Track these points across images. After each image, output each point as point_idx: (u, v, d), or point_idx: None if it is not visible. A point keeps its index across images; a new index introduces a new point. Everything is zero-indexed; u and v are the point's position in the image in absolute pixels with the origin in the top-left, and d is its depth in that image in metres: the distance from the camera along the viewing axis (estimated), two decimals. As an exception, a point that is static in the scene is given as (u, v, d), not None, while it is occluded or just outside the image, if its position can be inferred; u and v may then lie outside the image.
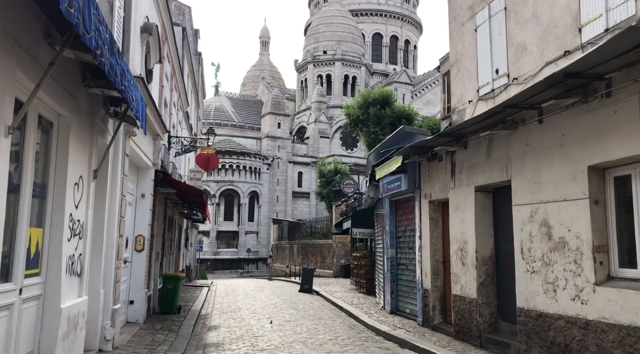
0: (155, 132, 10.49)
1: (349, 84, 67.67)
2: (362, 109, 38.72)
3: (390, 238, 12.24)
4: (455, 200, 8.74)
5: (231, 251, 55.28)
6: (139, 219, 10.56)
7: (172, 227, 16.90)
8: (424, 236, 10.00)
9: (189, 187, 11.87)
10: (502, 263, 7.98)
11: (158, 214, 12.64)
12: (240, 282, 32.44)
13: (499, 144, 7.59)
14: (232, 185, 56.16)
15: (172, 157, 14.52)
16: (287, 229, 44.44)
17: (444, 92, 25.90)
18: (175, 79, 15.49)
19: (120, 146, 7.75)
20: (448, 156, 9.14)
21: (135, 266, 10.47)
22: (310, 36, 70.59)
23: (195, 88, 27.26)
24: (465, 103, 8.84)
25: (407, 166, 10.44)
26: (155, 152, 10.89)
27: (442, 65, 25.12)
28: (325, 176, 44.35)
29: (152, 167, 10.82)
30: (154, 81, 10.85)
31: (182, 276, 13.27)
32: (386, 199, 12.54)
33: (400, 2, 79.95)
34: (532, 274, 6.71)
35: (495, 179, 7.67)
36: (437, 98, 71.35)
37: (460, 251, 8.52)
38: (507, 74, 7.63)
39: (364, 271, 17.36)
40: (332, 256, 32.63)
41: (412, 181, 10.48)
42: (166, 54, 12.77)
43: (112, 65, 4.87)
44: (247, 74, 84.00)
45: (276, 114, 61.59)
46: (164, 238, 14.12)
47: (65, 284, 5.57)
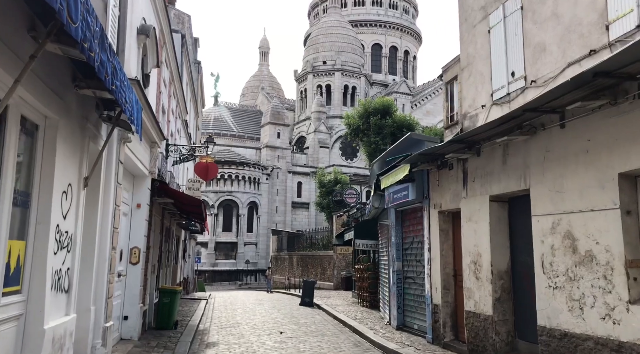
0: (152, 139, 10.05)
1: (348, 94, 67.51)
2: (363, 119, 38.40)
3: (396, 250, 11.76)
4: (468, 210, 8.29)
5: (230, 262, 54.63)
6: (134, 231, 10.09)
7: (170, 239, 16.41)
8: (434, 248, 9.53)
9: (187, 197, 11.41)
10: (519, 278, 7.51)
11: (155, 225, 12.17)
12: (239, 294, 31.85)
13: (515, 151, 7.16)
14: (231, 195, 55.66)
15: (170, 166, 14.06)
16: (287, 240, 43.88)
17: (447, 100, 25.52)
18: (174, 86, 15.09)
19: (114, 152, 7.30)
20: (459, 164, 8.70)
21: (130, 279, 9.97)
22: (309, 46, 70.53)
23: (194, 97, 26.88)
24: (477, 108, 8.42)
25: (415, 175, 10.00)
26: (152, 160, 10.44)
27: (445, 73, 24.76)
28: (325, 186, 43.88)
29: (148, 175, 10.36)
30: (151, 86, 10.44)
31: (179, 290, 12.76)
32: (392, 209, 12.08)
33: (400, 13, 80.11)
34: (555, 290, 6.24)
35: (512, 188, 7.22)
36: (437, 108, 71.02)
37: (473, 264, 8.05)
38: (524, 76, 7.21)
39: (367, 284, 16.85)
40: (332, 267, 32.08)
41: (420, 191, 10.03)
42: (164, 59, 12.37)
43: (102, 62, 4.45)
44: (247, 84, 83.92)
45: (276, 124, 61.27)
46: (161, 250, 13.63)
47: (51, 302, 5.09)
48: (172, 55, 13.60)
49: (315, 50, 69.07)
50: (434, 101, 71.79)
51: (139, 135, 6.93)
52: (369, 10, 79.07)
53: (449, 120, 15.16)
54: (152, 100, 10.67)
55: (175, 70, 14.87)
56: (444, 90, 25.91)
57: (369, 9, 79.17)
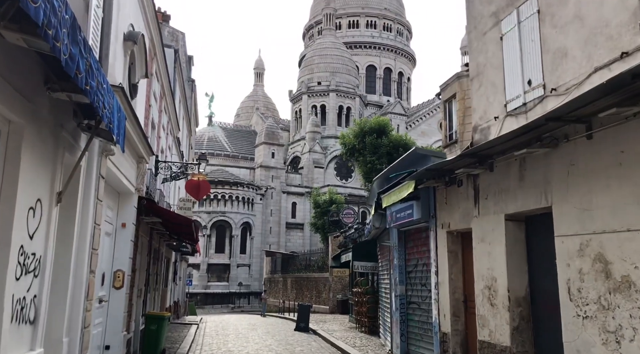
0: (139, 153, 9.39)
1: (343, 115, 67.30)
2: (358, 138, 37.99)
3: (399, 273, 11.06)
4: (480, 230, 7.65)
5: (222, 284, 53.46)
6: (118, 252, 9.35)
7: (159, 261, 15.63)
8: (442, 272, 8.85)
9: (177, 216, 10.71)
10: (539, 305, 6.84)
11: (142, 246, 11.44)
12: (232, 318, 30.84)
13: (534, 166, 6.55)
14: (224, 216, 54.77)
15: (160, 183, 13.37)
16: (281, 261, 42.96)
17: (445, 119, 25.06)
18: (165, 101, 14.49)
19: (94, 165, 6.63)
20: (470, 180, 8.08)
21: (113, 305, 9.20)
22: (304, 67, 70.56)
23: (187, 115, 26.32)
24: (489, 120, 7.84)
25: (420, 192, 9.37)
26: (139, 177, 9.76)
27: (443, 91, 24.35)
28: (321, 206, 43.19)
29: (134, 193, 9.67)
30: (140, 98, 9.82)
31: (168, 316, 11.97)
32: (394, 229, 11.41)
33: (394, 35, 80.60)
34: (585, 320, 5.57)
35: (531, 206, 6.59)
36: (431, 129, 70.91)
37: (487, 289, 7.37)
38: (542, 84, 6.65)
39: (366, 309, 16.08)
40: (328, 290, 31.20)
41: (426, 209, 9.39)
42: (155, 71, 11.79)
43: (72, 55, 3.83)
44: (241, 104, 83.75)
45: (270, 144, 60.78)
46: (148, 273, 12.85)
47: (11, 335, 4.37)
48: (164, 69, 13.03)
49: (310, 71, 69.08)
50: (429, 121, 71.77)
51: (122, 146, 6.27)
52: (363, 32, 79.55)
53: (447, 139, 14.64)
54: (141, 113, 10.05)
55: (167, 85, 14.30)
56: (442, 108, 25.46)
57: (364, 31, 79.66)
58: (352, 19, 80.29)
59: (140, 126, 8.41)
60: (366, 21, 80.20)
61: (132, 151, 8.95)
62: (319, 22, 77.76)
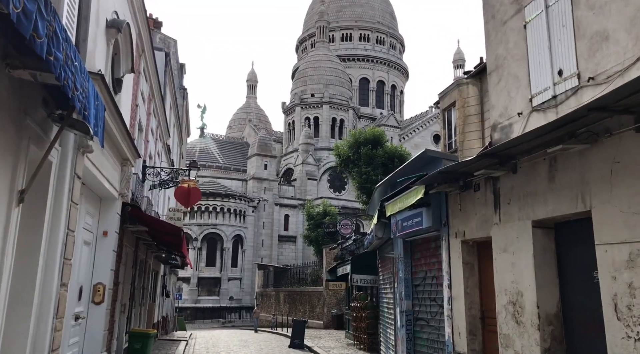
0: (123, 155, 8.55)
1: (336, 127, 66.76)
2: (353, 149, 37.40)
3: (405, 287, 10.24)
4: (502, 239, 6.86)
5: (213, 299, 52.17)
6: (99, 263, 8.48)
7: (145, 273, 14.70)
8: (456, 285, 8.04)
9: (165, 225, 9.85)
10: (574, 324, 6.04)
11: (126, 257, 10.55)
12: (222, 334, 29.74)
13: (568, 165, 5.80)
14: (215, 228, 53.67)
15: (147, 190, 12.52)
16: (273, 275, 41.90)
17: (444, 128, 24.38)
18: (155, 104, 13.69)
19: (68, 163, 5.79)
20: (488, 184, 7.32)
21: (92, 322, 8.30)
22: (298, 79, 70.14)
23: (178, 123, 25.52)
24: (511, 117, 7.10)
25: (431, 198, 8.59)
26: (124, 181, 8.92)
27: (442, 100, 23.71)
28: (314, 218, 42.34)
29: (118, 198, 8.82)
30: (125, 95, 9.01)
31: (153, 333, 11.04)
32: (399, 239, 10.62)
33: (387, 49, 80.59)
34: (638, 342, 4.78)
35: (565, 211, 5.82)
36: (425, 142, 70.49)
37: (512, 305, 6.57)
38: (576, 74, 5.92)
39: (365, 324, 15.19)
40: (322, 304, 30.23)
41: (437, 217, 8.60)
42: (143, 70, 11.01)
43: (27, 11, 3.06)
44: (234, 116, 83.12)
45: (263, 156, 59.95)
46: (134, 286, 11.94)
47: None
48: (153, 69, 12.25)
49: (304, 83, 68.65)
50: (422, 134, 71.49)
51: (101, 141, 5.46)
52: (356, 45, 79.45)
53: (446, 148, 13.90)
54: (126, 111, 9.24)
55: (157, 87, 13.51)
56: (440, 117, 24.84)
57: (357, 44, 79.56)
58: (345, 32, 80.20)
59: (124, 123, 7.60)
60: (359, 34, 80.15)
61: (115, 151, 8.12)
62: (312, 34, 77.58)
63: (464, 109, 23.35)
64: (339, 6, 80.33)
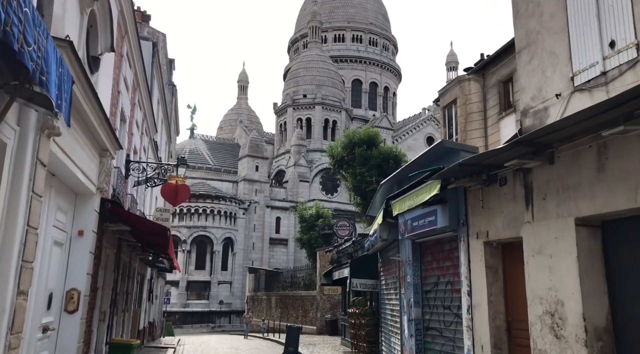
0: (102, 144, 7.57)
1: (329, 128, 65.96)
2: (347, 150, 36.54)
3: (414, 293, 9.32)
4: (536, 240, 5.97)
5: (202, 303, 50.93)
6: (73, 267, 7.48)
7: (130, 277, 13.66)
8: (477, 292, 7.13)
9: (149, 224, 8.85)
10: (627, 338, 5.15)
11: (106, 260, 9.55)
12: (212, 340, 28.66)
13: (622, 152, 4.92)
14: (205, 231, 52.49)
15: (131, 187, 11.51)
16: (265, 279, 40.86)
17: (444, 126, 23.57)
18: (140, 94, 12.70)
19: (28, 146, 4.81)
20: (518, 177, 6.42)
21: (65, 334, 7.29)
22: (290, 80, 69.26)
23: (167, 120, 24.49)
24: (547, 99, 6.21)
25: (448, 195, 7.69)
26: (102, 174, 7.93)
27: (442, 97, 22.92)
28: (307, 220, 41.36)
29: (96, 193, 7.83)
30: (104, 77, 8.04)
31: (135, 344, 10.02)
32: (407, 241, 9.70)
33: (380, 50, 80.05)
34: None
35: (619, 206, 4.93)
36: (418, 144, 69.85)
37: (549, 316, 5.67)
38: (635, 44, 5.05)
39: (364, 332, 14.24)
40: (315, 309, 29.27)
41: (454, 215, 7.70)
42: (127, 53, 10.02)
43: None
44: (225, 117, 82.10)
45: (254, 157, 58.90)
46: (116, 291, 10.92)
47: None
48: (138, 54, 11.26)
49: (296, 83, 67.80)
50: (415, 136, 70.92)
51: (67, 118, 4.52)
52: (349, 46, 78.84)
53: (448, 146, 13.05)
54: (105, 97, 8.26)
55: (142, 76, 12.51)
56: (441, 115, 23.94)
57: (349, 45, 78.96)
58: (337, 33, 79.55)
59: (102, 108, 6.63)
60: (352, 35, 79.55)
61: (92, 139, 7.14)
62: (305, 35, 76.82)
63: (466, 106, 22.37)
64: (332, 7, 79.66)
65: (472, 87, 20.35)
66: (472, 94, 20.47)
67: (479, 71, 19.51)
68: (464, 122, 20.17)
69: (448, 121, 21.78)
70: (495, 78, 18.49)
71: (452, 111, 21.56)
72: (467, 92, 20.39)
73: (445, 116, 22.03)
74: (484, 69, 19.30)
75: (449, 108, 21.72)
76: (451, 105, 21.24)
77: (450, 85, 20.78)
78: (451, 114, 21.58)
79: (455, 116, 21.01)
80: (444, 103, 21.90)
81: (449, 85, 21.01)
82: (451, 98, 20.98)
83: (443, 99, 21.95)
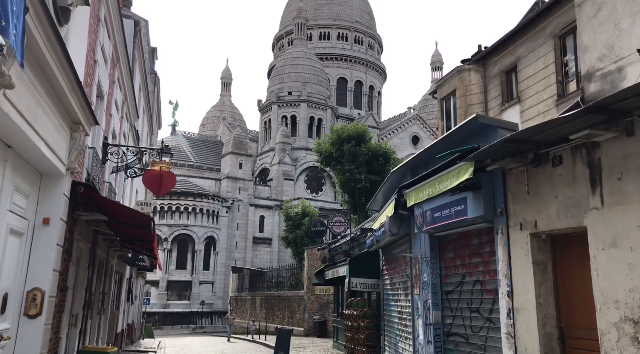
0: (73, 116, 6.30)
1: (314, 127, 64.88)
2: (335, 146, 35.50)
3: (432, 294, 8.20)
4: (609, 229, 4.88)
5: (183, 303, 49.34)
6: (36, 262, 6.20)
7: (107, 276, 12.31)
8: (521, 293, 6.02)
9: (129, 212, 7.57)
10: None
11: (79, 255, 8.24)
12: (194, 342, 27.28)
13: None
14: (186, 229, 50.92)
15: (109, 173, 10.21)
16: (249, 278, 39.55)
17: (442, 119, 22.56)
18: (120, 72, 11.38)
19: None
20: (578, 154, 5.33)
21: (24, 343, 6.00)
22: (275, 76, 68.02)
23: (149, 109, 23.10)
24: (620, 58, 5.12)
25: (482, 180, 6.58)
26: (75, 152, 6.65)
27: (440, 88, 21.90)
28: (292, 219, 40.20)
29: (65, 174, 6.55)
30: (77, 36, 6.75)
31: (112, 352, 8.73)
32: (423, 235, 8.58)
33: (365, 49, 79.38)
34: None
35: None
36: (403, 143, 69.22)
37: (631, 324, 4.58)
38: None
39: (364, 336, 13.10)
40: (303, 310, 28.08)
41: (489, 203, 6.58)
42: (104, 18, 8.73)
43: None
44: (207, 114, 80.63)
45: (238, 154, 57.47)
46: (90, 292, 9.61)
47: None
48: (118, 23, 9.95)
49: (281, 80, 66.58)
50: (400, 135, 70.29)
51: (20, 57, 3.33)
52: (334, 44, 78.00)
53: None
54: (79, 61, 6.98)
55: (123, 51, 11.21)
56: (438, 107, 22.87)
57: (335, 43, 78.12)
58: (323, 31, 78.64)
59: (72, 67, 5.38)
60: (337, 33, 78.72)
61: (60, 106, 5.87)
62: (290, 32, 75.72)
63: (466, 98, 21.27)
64: (317, 4, 78.66)
65: (472, 78, 19.37)
66: (472, 85, 19.49)
67: (480, 61, 18.57)
68: (464, 115, 19.15)
69: (446, 114, 20.78)
70: (498, 68, 17.54)
71: (450, 102, 20.56)
72: (467, 82, 19.40)
73: (443, 108, 21.02)
74: (485, 59, 18.34)
75: (447, 100, 20.72)
76: (449, 96, 20.24)
77: (449, 76, 19.77)
78: (449, 106, 20.59)
79: (454, 108, 20.05)
80: (441, 95, 20.89)
81: (448, 76, 20.00)
82: (449, 89, 19.97)
83: (441, 90, 20.94)
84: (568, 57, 14.47)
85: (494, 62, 17.88)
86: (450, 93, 19.84)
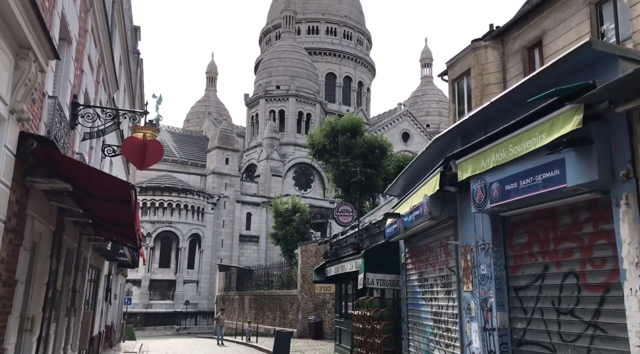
0: (19, 36, 4.35)
1: (303, 122, 63.04)
2: (329, 138, 33.72)
3: (496, 291, 6.37)
4: None
5: (166, 303, 47.07)
6: (-38, 242, 4.23)
7: (79, 270, 10.25)
8: (665, 287, 4.23)
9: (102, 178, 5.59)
10: None
11: (35, 238, 6.24)
12: (179, 345, 25.20)
13: None
14: (170, 226, 48.66)
15: (79, 141, 8.20)
16: (237, 277, 37.55)
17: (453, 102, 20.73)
18: (95, 23, 9.35)
19: None
20: None
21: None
22: (262, 70, 66.03)
23: (131, 90, 21.02)
24: None
25: (594, 131, 4.76)
26: (22, 90, 4.69)
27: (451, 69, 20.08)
28: (282, 215, 38.27)
29: (8, 120, 4.59)
30: None
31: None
32: (479, 216, 6.76)
33: (354, 44, 77.86)
34: None
35: None
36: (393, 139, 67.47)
37: None
38: None
39: (380, 340, 11.26)
40: (296, 310, 26.18)
41: (606, 164, 4.74)
42: None
43: None
44: (192, 109, 78.63)
45: (224, 149, 55.30)
46: (54, 288, 7.61)
47: None
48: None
49: (269, 74, 64.63)
50: (390, 131, 68.66)
51: None
52: (323, 39, 76.34)
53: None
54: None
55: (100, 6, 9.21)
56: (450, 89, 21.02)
57: (324, 38, 76.45)
58: (311, 25, 76.91)
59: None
60: (326, 27, 77.05)
61: (-5, 7, 3.92)
62: (277, 26, 73.87)
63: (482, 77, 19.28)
64: (306, -3, 76.90)
65: (489, 55, 17.64)
66: (489, 63, 17.75)
67: (497, 37, 16.93)
68: (480, 96, 17.45)
69: (458, 97, 19.04)
70: (519, 43, 15.85)
71: (463, 84, 18.84)
72: (484, 61, 17.66)
73: (454, 91, 19.29)
74: (503, 34, 16.70)
75: (459, 81, 18.99)
76: (462, 77, 18.52)
77: (462, 54, 18.05)
78: (462, 88, 18.86)
79: (468, 90, 18.32)
80: (452, 76, 19.15)
81: (460, 55, 18.30)
82: (463, 69, 18.25)
83: (452, 71, 19.22)
84: (606, 27, 12.86)
85: (514, 38, 16.21)
86: (464, 73, 18.13)
